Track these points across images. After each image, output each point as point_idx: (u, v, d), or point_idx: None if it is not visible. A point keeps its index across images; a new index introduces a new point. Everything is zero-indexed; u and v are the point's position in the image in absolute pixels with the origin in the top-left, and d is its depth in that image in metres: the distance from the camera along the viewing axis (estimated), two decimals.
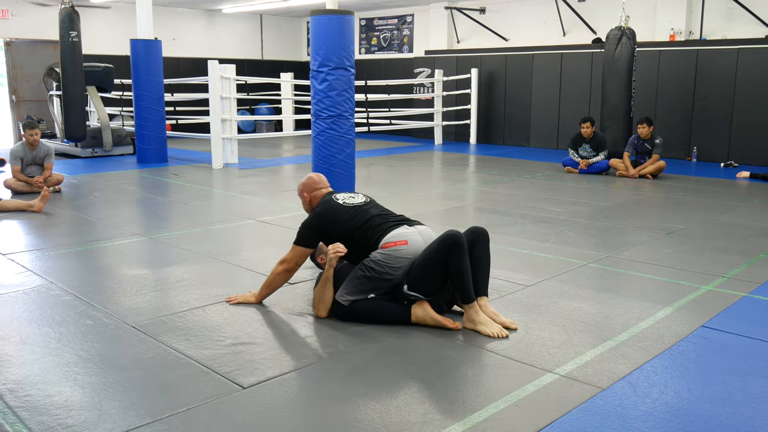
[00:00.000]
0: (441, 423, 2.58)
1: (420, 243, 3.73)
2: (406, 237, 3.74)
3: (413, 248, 3.70)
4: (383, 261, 3.67)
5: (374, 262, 3.69)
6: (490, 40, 14.73)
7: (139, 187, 8.63)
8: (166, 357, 3.20)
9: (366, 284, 3.71)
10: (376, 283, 3.71)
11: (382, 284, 3.72)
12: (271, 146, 14.04)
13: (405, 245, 3.69)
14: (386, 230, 3.79)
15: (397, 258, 3.66)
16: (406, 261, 3.68)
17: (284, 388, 2.88)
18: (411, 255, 3.69)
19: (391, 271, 3.67)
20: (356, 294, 3.72)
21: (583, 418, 2.63)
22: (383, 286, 3.74)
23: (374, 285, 3.72)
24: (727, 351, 3.34)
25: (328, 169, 6.64)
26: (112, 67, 12.28)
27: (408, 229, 3.80)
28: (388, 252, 3.68)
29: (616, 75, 10.36)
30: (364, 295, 3.74)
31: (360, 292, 3.73)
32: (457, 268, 3.52)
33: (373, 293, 3.76)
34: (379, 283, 3.71)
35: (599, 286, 4.45)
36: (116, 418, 2.59)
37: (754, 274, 4.69)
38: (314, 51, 6.59)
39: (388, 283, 3.73)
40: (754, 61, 10.99)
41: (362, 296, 3.73)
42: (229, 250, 5.35)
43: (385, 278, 3.70)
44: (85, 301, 4.02)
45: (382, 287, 3.75)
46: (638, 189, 8.65)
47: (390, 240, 3.71)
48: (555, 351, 3.31)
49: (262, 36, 18.07)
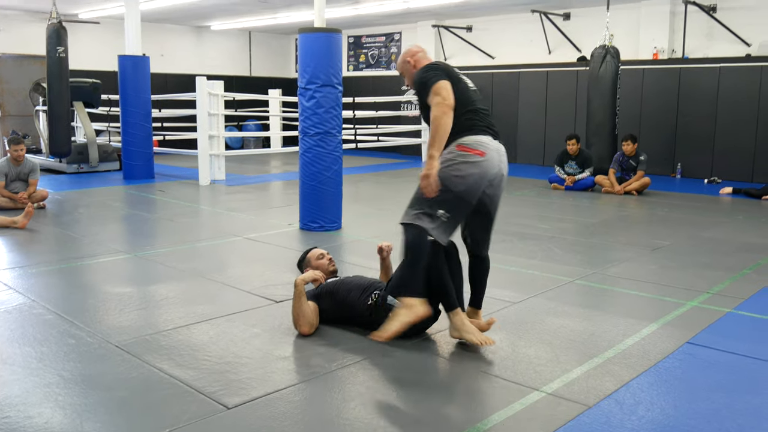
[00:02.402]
0: None
1: (494, 163, 3.35)
2: (485, 148, 3.32)
3: (485, 166, 3.30)
4: (452, 162, 3.26)
5: (444, 162, 3.26)
6: (477, 58, 14.81)
7: (125, 204, 8.57)
8: (149, 377, 3.15)
9: (439, 195, 3.25)
10: (443, 195, 3.26)
11: (446, 196, 3.26)
12: (259, 163, 14.01)
13: (481, 156, 3.30)
14: (473, 128, 3.36)
15: (466, 166, 3.26)
16: (471, 179, 3.27)
17: (270, 408, 2.84)
18: (479, 174, 3.28)
19: (456, 181, 3.25)
20: (424, 206, 3.29)
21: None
22: (449, 200, 3.26)
23: (445, 197, 3.26)
24: (712, 367, 3.34)
25: (316, 186, 6.62)
26: (99, 83, 12.23)
27: (491, 141, 3.38)
28: (461, 155, 3.29)
29: (601, 93, 10.44)
30: (431, 209, 3.28)
31: (431, 203, 3.26)
32: (431, 271, 3.46)
33: (442, 209, 3.28)
34: (444, 195, 3.26)
35: (585, 303, 4.44)
36: None
37: (738, 290, 4.70)
38: (302, 68, 6.59)
39: (452, 198, 3.26)
40: (735, 79, 11.12)
41: (429, 210, 3.28)
42: (216, 267, 5.31)
43: (449, 189, 3.26)
44: (68, 320, 3.96)
45: (449, 201, 3.27)
46: (624, 205, 8.69)
47: (468, 143, 3.32)
48: (541, 368, 3.29)
49: (250, 53, 18.09)
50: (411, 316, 3.30)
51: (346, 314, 3.79)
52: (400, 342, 3.60)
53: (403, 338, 3.65)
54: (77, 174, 11.53)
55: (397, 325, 3.30)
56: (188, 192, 9.62)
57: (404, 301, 3.33)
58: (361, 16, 14.34)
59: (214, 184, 10.48)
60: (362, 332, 3.72)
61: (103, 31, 15.08)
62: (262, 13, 14.21)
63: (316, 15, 6.72)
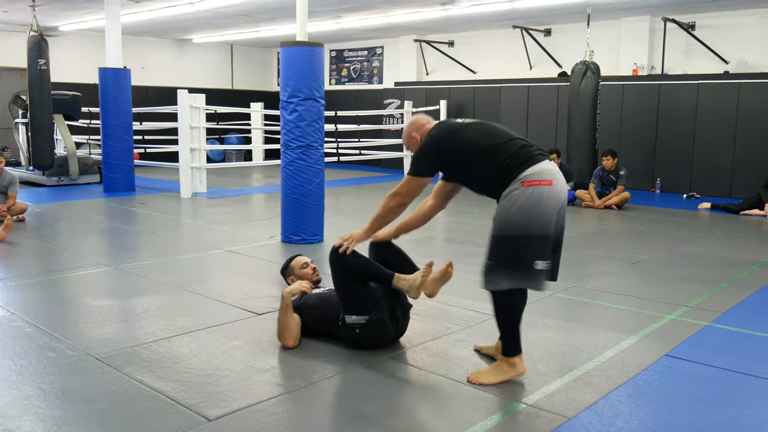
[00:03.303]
0: None
1: (561, 188, 3.12)
2: (551, 176, 3.08)
3: (555, 195, 3.06)
4: (528, 203, 3.02)
5: (515, 208, 3.03)
6: (459, 73, 14.94)
7: (106, 217, 8.53)
8: (130, 389, 3.15)
9: (520, 245, 3.03)
10: (530, 242, 3.02)
11: (534, 243, 3.03)
12: (241, 176, 14.00)
13: (550, 186, 3.04)
14: (530, 159, 3.10)
15: (539, 202, 3.03)
16: (547, 214, 3.04)
17: (251, 420, 2.85)
18: (551, 205, 3.04)
19: (536, 222, 3.02)
20: (514, 263, 3.05)
21: None
22: (538, 245, 3.03)
23: (528, 244, 3.03)
24: (690, 380, 3.39)
25: (297, 199, 6.64)
26: (80, 95, 12.19)
27: (551, 166, 3.13)
28: (532, 192, 3.04)
29: (582, 108, 10.56)
30: (527, 265, 3.04)
31: (518, 261, 3.04)
32: (357, 268, 3.56)
33: (539, 259, 3.04)
34: (532, 243, 3.02)
35: (565, 316, 4.49)
36: None
37: (716, 303, 4.78)
38: (284, 82, 6.62)
39: (540, 241, 3.04)
40: (713, 95, 11.30)
41: (522, 266, 3.05)
42: (197, 280, 5.30)
43: (534, 234, 3.02)
44: (48, 333, 3.94)
45: (538, 246, 3.03)
46: (603, 219, 8.78)
47: (532, 176, 3.07)
48: (521, 380, 3.32)
49: (232, 66, 18.11)
50: (513, 374, 3.26)
51: (326, 327, 3.81)
52: (380, 354, 3.63)
53: (383, 350, 3.68)
54: (57, 187, 11.44)
55: (497, 380, 3.24)
56: (169, 205, 9.59)
57: (508, 360, 3.27)
58: (344, 30, 14.43)
59: (195, 196, 10.45)
60: (343, 345, 3.75)
61: (83, 44, 15.04)
62: (244, 26, 14.25)
63: (299, 29, 6.76)
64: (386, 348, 3.73)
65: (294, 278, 4.19)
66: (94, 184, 11.81)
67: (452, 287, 3.93)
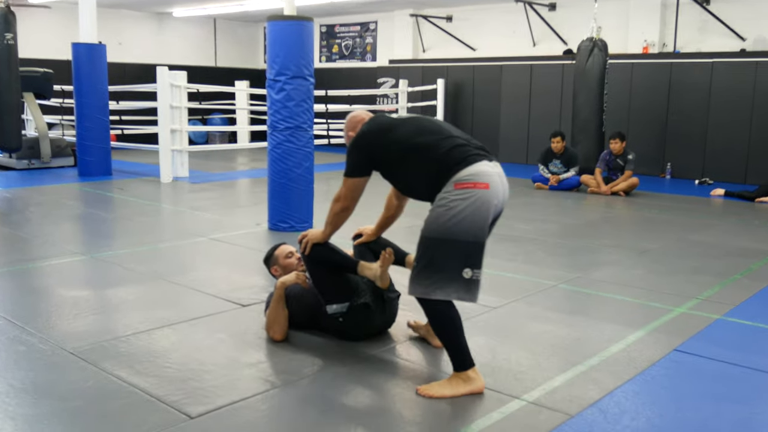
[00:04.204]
0: None
1: (499, 192, 3.10)
2: (488, 179, 3.05)
3: (489, 199, 3.04)
4: (459, 207, 3.00)
5: (445, 210, 3.02)
6: (457, 50, 14.91)
7: (80, 202, 8.51)
8: (106, 385, 3.15)
9: (446, 251, 3.01)
10: (457, 249, 3.01)
11: (465, 249, 3.01)
12: (225, 159, 13.97)
13: (485, 190, 3.02)
14: (464, 160, 3.08)
15: (472, 207, 3.00)
16: (481, 219, 3.02)
17: (235, 417, 2.86)
18: (486, 210, 3.03)
19: (467, 228, 3.00)
20: (442, 271, 3.03)
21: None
22: (469, 252, 3.02)
23: (455, 251, 3.01)
24: (700, 375, 3.41)
25: (285, 183, 6.63)
26: (51, 73, 12.10)
27: (489, 166, 3.10)
28: (463, 195, 3.02)
29: (588, 88, 10.56)
30: (454, 273, 3.02)
31: (442, 267, 3.02)
32: (321, 259, 3.62)
33: (468, 267, 3.02)
34: (463, 248, 3.01)
35: (569, 308, 4.51)
36: None
37: (728, 296, 4.80)
38: (271, 59, 6.60)
39: (471, 248, 3.02)
40: (728, 74, 11.31)
41: (449, 274, 3.02)
42: (178, 269, 5.31)
43: (465, 240, 3.00)
44: (18, 326, 3.94)
45: (470, 253, 3.02)
46: (610, 206, 8.81)
47: (466, 178, 3.04)
48: (522, 376, 3.35)
49: (215, 41, 18.01)
50: (467, 389, 3.16)
51: (313, 319, 3.83)
52: (371, 348, 3.65)
53: (374, 343, 3.69)
54: (28, 170, 11.40)
55: (450, 394, 3.13)
56: (149, 190, 9.58)
57: (460, 375, 3.17)
58: (335, 4, 14.36)
59: (176, 181, 10.43)
60: (332, 338, 3.77)
61: (55, 17, 14.93)
62: None
63: (286, 2, 6.75)
64: (377, 341, 3.75)
65: (278, 268, 4.19)
66: (68, 168, 11.77)
67: None
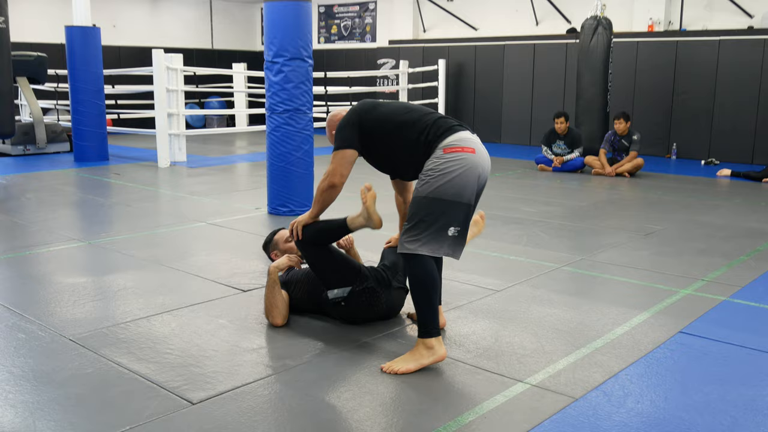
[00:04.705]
0: None
1: (483, 157, 3.34)
2: (474, 145, 3.31)
3: (477, 162, 3.27)
4: (448, 168, 3.21)
5: (436, 172, 3.22)
6: (459, 30, 14.85)
7: (77, 188, 8.52)
8: (107, 372, 3.17)
9: (435, 209, 3.20)
10: (446, 208, 3.21)
11: (450, 209, 3.22)
12: (223, 143, 13.95)
13: (472, 153, 3.26)
14: (449, 129, 3.33)
15: (460, 168, 3.21)
16: (469, 180, 3.23)
17: (237, 403, 2.88)
18: (473, 172, 3.25)
19: (456, 187, 3.21)
20: (428, 229, 3.20)
21: (555, 429, 2.69)
22: (454, 211, 3.22)
23: (444, 209, 3.21)
24: (705, 357, 3.43)
25: (285, 167, 6.64)
26: (45, 57, 12.08)
27: (472, 137, 3.38)
28: (452, 157, 3.23)
29: (592, 67, 10.54)
30: (441, 231, 3.21)
31: (431, 224, 3.20)
32: (315, 238, 3.67)
33: (453, 225, 3.23)
34: (448, 208, 3.21)
35: (573, 291, 4.53)
36: None
37: (734, 277, 4.82)
38: (268, 40, 6.58)
39: (456, 207, 3.22)
40: (736, 53, 11.27)
41: (437, 231, 3.21)
42: (177, 255, 5.32)
43: (451, 200, 3.21)
44: (17, 313, 3.96)
45: (454, 213, 3.23)
46: (615, 188, 8.81)
47: (454, 143, 3.27)
48: (526, 359, 3.37)
49: (211, 23, 17.95)
50: (431, 359, 3.24)
51: (316, 304, 3.85)
52: (374, 332, 3.67)
53: (377, 327, 3.72)
54: (23, 156, 11.40)
55: (415, 366, 3.23)
56: (146, 175, 9.58)
57: (425, 342, 3.26)
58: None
59: (174, 166, 10.43)
60: (333, 323, 3.79)
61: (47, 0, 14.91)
62: None
63: None
64: (379, 326, 3.77)
65: (278, 253, 4.21)
66: (64, 153, 11.77)
67: (452, 261, 3.96)
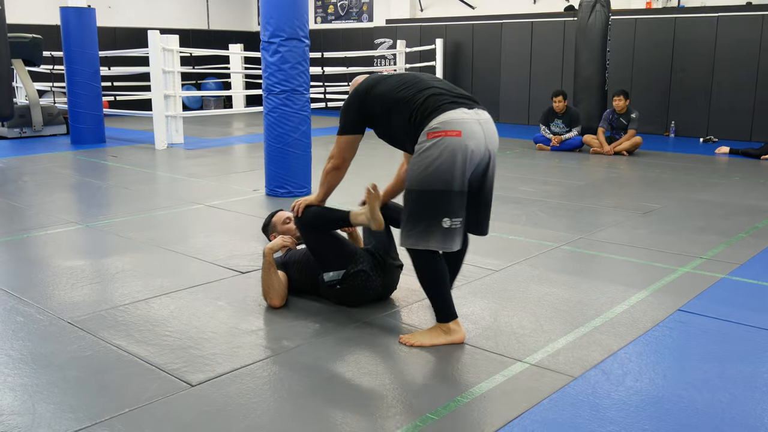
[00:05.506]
0: (405, 417, 2.61)
1: (478, 137, 3.10)
2: (461, 126, 3.06)
3: (462, 146, 3.04)
4: (431, 156, 3.06)
5: (418, 160, 3.09)
6: (456, 8, 14.76)
7: (74, 171, 8.49)
8: (106, 354, 3.17)
9: (423, 202, 3.10)
10: (435, 199, 3.09)
11: (441, 199, 3.08)
12: (220, 124, 13.91)
13: (457, 137, 3.04)
14: (437, 109, 3.12)
15: (444, 155, 3.03)
16: (456, 167, 3.05)
17: (236, 384, 2.88)
18: (461, 158, 3.05)
19: (442, 176, 3.05)
20: (421, 221, 3.11)
21: (554, 408, 2.69)
22: (445, 202, 3.08)
23: (433, 201, 3.09)
24: (704, 335, 3.43)
25: (282, 148, 6.61)
26: (40, 38, 12.00)
27: (467, 113, 3.12)
28: (433, 143, 3.06)
29: (590, 45, 10.49)
30: (432, 224, 3.09)
31: (421, 218, 3.11)
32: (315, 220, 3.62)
33: (446, 217, 3.09)
34: (439, 198, 3.08)
35: (572, 270, 4.53)
36: (51, 422, 2.57)
37: (733, 255, 4.82)
38: (265, 20, 6.53)
39: (450, 197, 3.08)
40: (734, 30, 11.21)
41: (429, 225, 3.09)
42: (175, 237, 5.31)
43: (441, 189, 3.06)
44: (15, 296, 3.96)
45: (446, 203, 3.09)
46: (613, 166, 8.79)
47: (437, 127, 3.07)
48: (525, 339, 3.37)
49: (207, 4, 17.82)
50: (447, 340, 3.29)
51: (314, 285, 3.84)
52: (373, 313, 3.67)
53: (376, 308, 3.71)
54: (20, 139, 11.36)
55: (430, 342, 3.27)
56: (143, 157, 9.55)
57: (441, 326, 3.30)
58: None
59: (171, 148, 10.40)
60: (332, 304, 3.79)
61: None
62: None
63: None
64: (377, 306, 3.77)
65: (276, 235, 4.19)
66: (61, 136, 11.73)
67: None
